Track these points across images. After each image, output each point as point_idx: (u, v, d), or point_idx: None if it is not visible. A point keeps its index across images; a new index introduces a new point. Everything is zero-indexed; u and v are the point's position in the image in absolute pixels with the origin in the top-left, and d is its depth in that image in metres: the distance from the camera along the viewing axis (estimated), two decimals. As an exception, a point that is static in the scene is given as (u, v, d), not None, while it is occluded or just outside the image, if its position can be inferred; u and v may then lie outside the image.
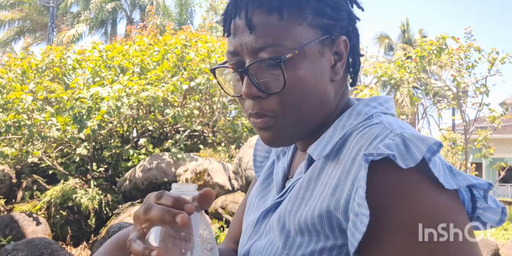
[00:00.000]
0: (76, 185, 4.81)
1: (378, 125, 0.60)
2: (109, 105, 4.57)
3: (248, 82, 0.62)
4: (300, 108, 0.63)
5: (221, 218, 4.18)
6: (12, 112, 4.55)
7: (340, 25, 0.65)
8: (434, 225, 0.50)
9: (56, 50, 6.17)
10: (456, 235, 0.50)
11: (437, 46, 6.43)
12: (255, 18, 0.61)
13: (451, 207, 0.52)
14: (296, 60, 0.61)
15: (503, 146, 16.06)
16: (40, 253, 3.31)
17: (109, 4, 18.92)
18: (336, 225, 0.56)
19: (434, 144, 0.52)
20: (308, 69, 0.62)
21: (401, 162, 0.51)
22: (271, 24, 0.61)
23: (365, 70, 9.54)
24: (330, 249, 0.56)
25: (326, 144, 0.63)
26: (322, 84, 0.64)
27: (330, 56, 0.65)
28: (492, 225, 0.61)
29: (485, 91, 6.64)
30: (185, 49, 5.59)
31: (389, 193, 0.52)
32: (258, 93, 0.62)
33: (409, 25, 22.32)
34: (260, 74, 0.63)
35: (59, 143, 5.02)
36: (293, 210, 0.61)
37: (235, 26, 0.64)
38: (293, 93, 0.62)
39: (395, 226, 0.51)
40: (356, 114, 0.65)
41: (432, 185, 0.52)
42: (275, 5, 0.61)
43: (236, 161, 4.67)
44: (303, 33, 0.62)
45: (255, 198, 0.80)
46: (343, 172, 0.57)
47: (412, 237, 0.50)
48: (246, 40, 0.62)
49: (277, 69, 0.61)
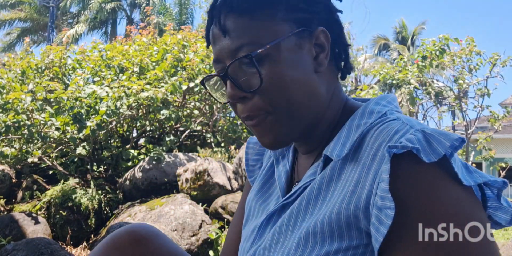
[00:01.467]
0: (76, 185, 4.81)
1: (396, 121, 0.60)
2: (108, 106, 4.57)
3: (230, 84, 0.64)
4: (287, 100, 0.63)
5: (221, 218, 4.18)
6: (12, 113, 4.55)
7: (317, 17, 0.66)
8: (459, 222, 0.49)
9: (56, 50, 6.17)
10: (478, 233, 0.50)
11: (439, 47, 6.44)
12: (228, 23, 0.63)
13: (474, 204, 0.52)
14: (272, 55, 0.62)
15: (503, 146, 16.06)
16: (40, 253, 3.30)
17: (109, 4, 18.92)
18: (354, 223, 0.56)
19: (456, 140, 0.52)
20: (287, 63, 0.62)
21: (424, 157, 0.51)
22: (244, 25, 0.63)
23: (365, 70, 9.54)
24: (346, 250, 0.56)
25: (344, 144, 0.62)
26: (306, 75, 0.64)
27: (311, 48, 0.65)
28: (503, 225, 0.61)
29: (486, 93, 6.65)
30: (183, 49, 5.59)
31: (413, 186, 0.52)
32: (241, 93, 0.64)
33: (405, 26, 22.35)
34: (240, 74, 0.64)
35: (59, 143, 5.02)
36: (308, 211, 0.61)
37: (213, 35, 0.66)
38: (275, 88, 0.62)
39: (418, 220, 0.50)
40: (369, 113, 0.64)
41: (452, 181, 0.52)
42: (245, 7, 0.63)
43: (236, 161, 4.67)
44: (276, 29, 0.63)
45: (255, 203, 0.79)
46: (363, 169, 0.57)
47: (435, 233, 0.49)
48: (223, 45, 0.64)
49: (253, 66, 0.62)
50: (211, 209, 4.33)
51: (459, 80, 6.80)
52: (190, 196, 4.44)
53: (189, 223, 3.81)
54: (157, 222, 3.82)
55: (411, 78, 6.86)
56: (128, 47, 5.94)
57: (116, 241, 0.85)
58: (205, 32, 0.71)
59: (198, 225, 3.85)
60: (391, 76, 7.14)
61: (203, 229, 3.85)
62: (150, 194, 4.73)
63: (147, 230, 0.88)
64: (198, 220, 3.88)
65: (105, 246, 0.85)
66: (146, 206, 4.23)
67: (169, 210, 3.95)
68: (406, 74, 6.91)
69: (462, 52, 6.64)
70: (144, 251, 0.84)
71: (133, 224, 0.92)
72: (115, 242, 0.85)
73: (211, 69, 5.35)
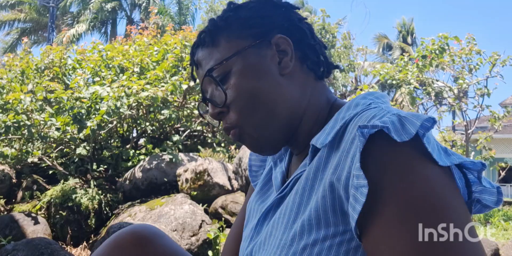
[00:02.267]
0: (76, 185, 4.81)
1: (376, 109, 0.62)
2: (109, 105, 4.57)
3: (210, 105, 0.72)
4: (255, 108, 0.68)
5: (221, 218, 4.18)
6: (12, 113, 4.55)
7: (274, 27, 0.72)
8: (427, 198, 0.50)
9: (56, 50, 6.16)
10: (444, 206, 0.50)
11: (439, 46, 6.44)
12: (198, 56, 0.74)
13: (443, 182, 0.52)
14: (233, 70, 0.69)
15: (503, 146, 16.07)
16: (40, 253, 3.30)
17: (109, 4, 18.92)
18: (338, 206, 0.57)
19: (427, 120, 0.53)
20: (249, 74, 0.69)
21: (396, 136, 0.52)
22: (208, 53, 0.72)
23: (364, 70, 9.54)
24: (333, 236, 0.57)
25: (329, 133, 0.64)
26: (271, 81, 0.69)
27: (274, 55, 0.70)
28: (492, 206, 0.62)
29: (486, 93, 6.64)
30: (184, 49, 5.59)
31: (384, 165, 0.53)
32: (217, 109, 0.71)
33: (406, 25, 22.35)
34: (213, 94, 0.72)
35: (59, 143, 5.02)
36: (301, 202, 0.62)
37: (194, 70, 0.77)
38: (240, 98, 0.68)
39: (389, 198, 0.51)
40: (354, 105, 0.67)
41: (426, 160, 0.52)
42: (207, 39, 0.72)
43: (236, 161, 4.67)
44: (233, 46, 0.70)
45: (254, 203, 0.81)
46: (343, 152, 0.58)
47: (405, 210, 0.49)
48: (199, 75, 0.75)
49: (217, 83, 0.70)
50: (211, 209, 4.33)
51: (459, 80, 6.80)
52: (190, 196, 4.44)
53: (189, 223, 3.81)
54: (157, 222, 3.82)
55: (411, 78, 6.86)
56: (128, 47, 5.94)
57: (119, 242, 0.85)
58: (191, 73, 0.81)
59: (198, 225, 3.85)
60: (391, 76, 7.14)
61: (203, 229, 3.85)
62: (150, 194, 4.73)
63: (150, 230, 0.89)
64: (198, 220, 3.88)
65: (107, 246, 0.85)
66: (146, 206, 4.23)
67: (169, 210, 3.95)
68: (406, 74, 6.91)
69: (462, 51, 6.64)
70: (146, 252, 0.85)
71: (135, 224, 0.92)
72: (117, 243, 0.85)
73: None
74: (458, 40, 6.56)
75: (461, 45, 6.66)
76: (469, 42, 6.62)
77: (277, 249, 0.61)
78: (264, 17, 0.72)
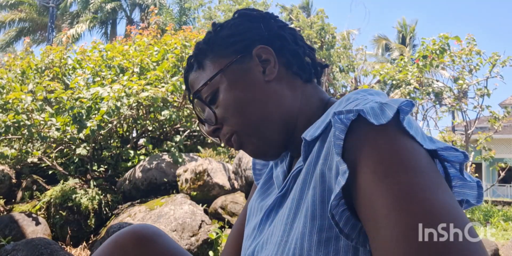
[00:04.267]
0: (75, 185, 4.80)
1: (361, 99, 0.63)
2: (109, 106, 4.57)
3: (206, 124, 0.75)
4: (246, 119, 0.71)
5: (221, 218, 4.18)
6: (12, 113, 4.55)
7: (253, 40, 0.74)
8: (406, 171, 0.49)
9: (56, 50, 6.16)
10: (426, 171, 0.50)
11: (439, 46, 6.44)
12: (190, 80, 0.78)
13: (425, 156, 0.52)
14: (220, 88, 0.72)
15: (502, 146, 16.07)
16: (39, 253, 3.30)
17: (109, 4, 18.92)
18: (327, 198, 0.57)
19: (405, 104, 0.54)
20: (235, 88, 0.71)
21: (373, 119, 0.53)
22: (196, 77, 0.76)
23: (364, 70, 9.55)
24: (319, 230, 0.57)
25: (318, 127, 0.65)
26: (259, 89, 0.71)
27: (258, 66, 0.73)
28: (473, 203, 0.62)
29: (486, 93, 6.65)
30: (185, 49, 5.59)
31: (362, 146, 0.53)
32: (212, 127, 0.74)
33: (406, 26, 22.34)
34: (205, 114, 0.76)
35: (58, 143, 5.01)
36: (298, 197, 0.63)
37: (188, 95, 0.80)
38: (229, 113, 0.71)
39: (367, 177, 0.51)
40: (345, 100, 0.67)
41: (408, 139, 0.52)
42: (194, 63, 0.77)
43: (236, 161, 4.67)
44: (217, 67, 0.73)
45: (255, 202, 0.82)
46: (330, 143, 0.59)
47: (384, 181, 0.49)
48: (192, 98, 0.77)
49: (205, 104, 0.74)
50: (210, 209, 4.33)
51: (459, 80, 6.80)
52: (190, 196, 4.44)
53: (189, 223, 3.81)
54: (157, 222, 3.82)
55: (411, 78, 6.86)
56: (128, 47, 5.94)
57: (119, 242, 0.86)
58: (188, 97, 0.84)
59: (198, 225, 3.85)
60: (391, 76, 7.14)
61: (202, 229, 3.85)
62: (149, 194, 4.73)
63: (150, 230, 0.89)
64: (197, 220, 3.88)
65: (108, 246, 0.86)
66: (146, 206, 4.23)
67: (168, 210, 3.95)
68: (406, 74, 6.91)
69: (462, 52, 6.64)
70: (147, 252, 0.86)
71: (136, 224, 0.92)
72: (118, 243, 0.86)
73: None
74: (459, 40, 6.56)
75: (461, 46, 6.67)
76: (469, 43, 6.63)
77: (275, 246, 0.62)
78: (243, 33, 0.75)
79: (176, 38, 5.80)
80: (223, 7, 10.97)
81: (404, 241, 0.44)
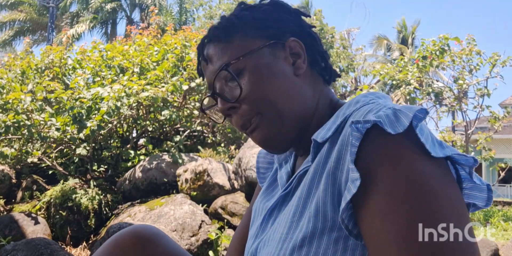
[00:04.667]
0: (75, 185, 4.80)
1: (373, 104, 0.64)
2: (109, 106, 4.57)
3: (220, 100, 0.73)
4: (270, 104, 0.69)
5: (221, 218, 4.18)
6: (12, 113, 4.54)
7: (287, 31, 0.74)
8: (417, 188, 0.51)
9: (56, 50, 6.16)
10: (436, 192, 0.51)
11: (439, 47, 6.44)
12: (209, 51, 0.74)
13: (435, 174, 0.53)
14: (248, 66, 0.70)
15: (503, 146, 16.07)
16: (39, 253, 3.30)
17: (109, 4, 18.92)
18: (337, 200, 0.58)
19: (419, 111, 0.55)
20: (263, 71, 0.70)
21: (389, 128, 0.54)
22: (221, 49, 0.73)
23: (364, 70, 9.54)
24: (330, 230, 0.58)
25: (329, 129, 0.66)
26: (286, 79, 0.71)
27: (288, 57, 0.73)
28: (480, 206, 0.63)
29: (486, 93, 6.65)
30: (185, 49, 5.59)
31: (376, 157, 0.54)
32: (229, 104, 0.71)
33: (406, 26, 22.33)
34: (225, 89, 0.73)
35: (58, 143, 5.01)
36: (305, 197, 0.64)
37: (202, 66, 0.77)
38: (255, 94, 0.69)
39: (381, 189, 0.52)
40: (355, 102, 0.69)
41: (418, 151, 0.54)
42: (222, 36, 0.73)
43: (236, 161, 4.67)
44: (249, 44, 0.72)
45: (260, 203, 0.83)
46: (342, 146, 0.60)
47: (396, 199, 0.51)
48: (209, 70, 0.74)
49: (232, 79, 0.71)
50: (210, 209, 4.33)
51: (459, 81, 6.80)
52: (190, 196, 4.44)
53: (189, 224, 3.81)
54: (157, 222, 3.82)
55: (411, 78, 6.86)
56: (128, 47, 5.94)
57: (120, 242, 0.86)
58: (197, 68, 0.80)
59: (198, 226, 3.85)
60: (391, 77, 7.14)
61: (202, 230, 3.84)
62: (149, 194, 4.73)
63: (150, 231, 0.90)
64: (197, 221, 3.88)
65: (108, 246, 0.86)
66: (146, 206, 4.22)
67: (168, 210, 3.95)
68: (406, 75, 6.91)
69: (462, 52, 6.64)
70: (147, 252, 0.86)
71: (136, 225, 0.92)
72: (118, 243, 0.86)
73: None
74: (459, 40, 6.56)
75: (462, 46, 6.67)
76: (469, 43, 6.63)
77: (278, 243, 0.62)
78: (277, 20, 0.75)
79: (176, 38, 5.81)
80: (224, 6, 10.97)
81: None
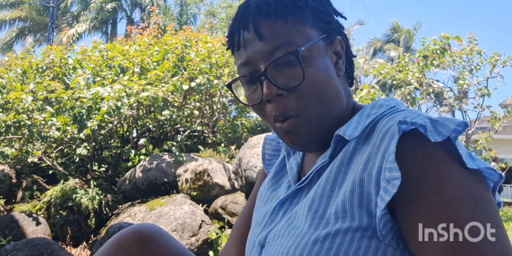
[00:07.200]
0: (76, 185, 4.80)
1: (405, 111, 0.65)
2: (109, 105, 4.56)
3: (267, 84, 0.66)
4: (319, 99, 0.66)
5: (221, 218, 4.18)
6: (12, 112, 4.54)
7: (334, 27, 0.73)
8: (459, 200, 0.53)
9: (56, 50, 6.16)
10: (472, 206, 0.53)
11: (440, 46, 6.44)
12: (263, 27, 0.66)
13: (473, 184, 0.55)
14: (305, 56, 0.65)
15: (503, 147, 16.06)
16: (39, 253, 3.30)
17: (109, 4, 18.92)
18: (365, 202, 0.58)
19: (459, 124, 0.56)
20: (320, 64, 0.67)
21: (430, 136, 0.54)
22: (279, 29, 0.66)
23: (364, 70, 9.54)
24: (355, 230, 0.58)
25: (355, 128, 0.66)
26: (333, 78, 0.69)
27: (332, 55, 0.71)
28: None
29: (486, 93, 6.65)
30: (185, 49, 5.59)
31: (419, 162, 0.55)
32: (278, 91, 0.65)
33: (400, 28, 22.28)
34: (278, 73, 0.66)
35: (59, 143, 5.01)
36: (325, 194, 0.64)
37: (244, 39, 0.68)
38: (310, 86, 0.65)
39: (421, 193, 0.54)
40: (378, 105, 0.69)
41: (456, 162, 0.55)
42: (280, 12, 0.66)
43: (236, 162, 4.67)
44: (308, 33, 0.67)
45: (266, 191, 0.82)
46: (373, 149, 0.60)
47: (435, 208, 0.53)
48: (257, 47, 0.67)
49: (293, 64, 0.65)
50: (211, 209, 4.33)
51: (459, 80, 6.80)
52: (190, 196, 4.44)
53: (189, 224, 3.80)
54: (157, 222, 3.82)
55: (412, 78, 6.86)
56: (128, 47, 5.94)
57: (122, 241, 0.86)
58: (229, 35, 0.72)
59: (198, 226, 3.84)
60: (391, 76, 7.14)
61: (203, 230, 3.84)
62: (150, 194, 4.73)
63: (152, 229, 0.90)
64: (198, 221, 3.88)
65: (110, 245, 0.86)
66: (146, 206, 4.22)
67: (169, 210, 3.95)
68: (406, 74, 6.91)
69: (463, 52, 6.64)
70: (149, 251, 0.86)
71: (138, 223, 0.92)
72: (120, 242, 0.86)
73: (211, 69, 5.35)
74: (460, 40, 6.56)
75: (462, 45, 6.67)
76: (470, 42, 6.63)
77: (297, 237, 0.62)
78: (331, 15, 0.73)
79: (176, 38, 5.81)
80: (224, 4, 10.97)
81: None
